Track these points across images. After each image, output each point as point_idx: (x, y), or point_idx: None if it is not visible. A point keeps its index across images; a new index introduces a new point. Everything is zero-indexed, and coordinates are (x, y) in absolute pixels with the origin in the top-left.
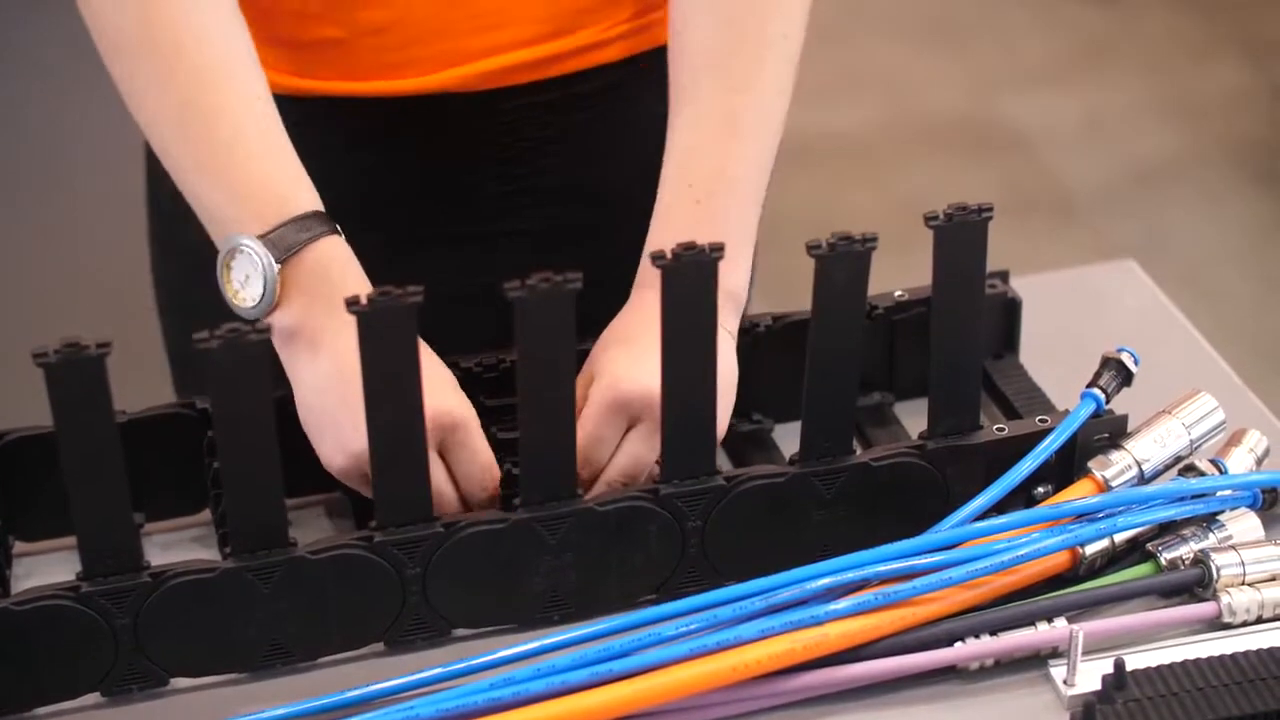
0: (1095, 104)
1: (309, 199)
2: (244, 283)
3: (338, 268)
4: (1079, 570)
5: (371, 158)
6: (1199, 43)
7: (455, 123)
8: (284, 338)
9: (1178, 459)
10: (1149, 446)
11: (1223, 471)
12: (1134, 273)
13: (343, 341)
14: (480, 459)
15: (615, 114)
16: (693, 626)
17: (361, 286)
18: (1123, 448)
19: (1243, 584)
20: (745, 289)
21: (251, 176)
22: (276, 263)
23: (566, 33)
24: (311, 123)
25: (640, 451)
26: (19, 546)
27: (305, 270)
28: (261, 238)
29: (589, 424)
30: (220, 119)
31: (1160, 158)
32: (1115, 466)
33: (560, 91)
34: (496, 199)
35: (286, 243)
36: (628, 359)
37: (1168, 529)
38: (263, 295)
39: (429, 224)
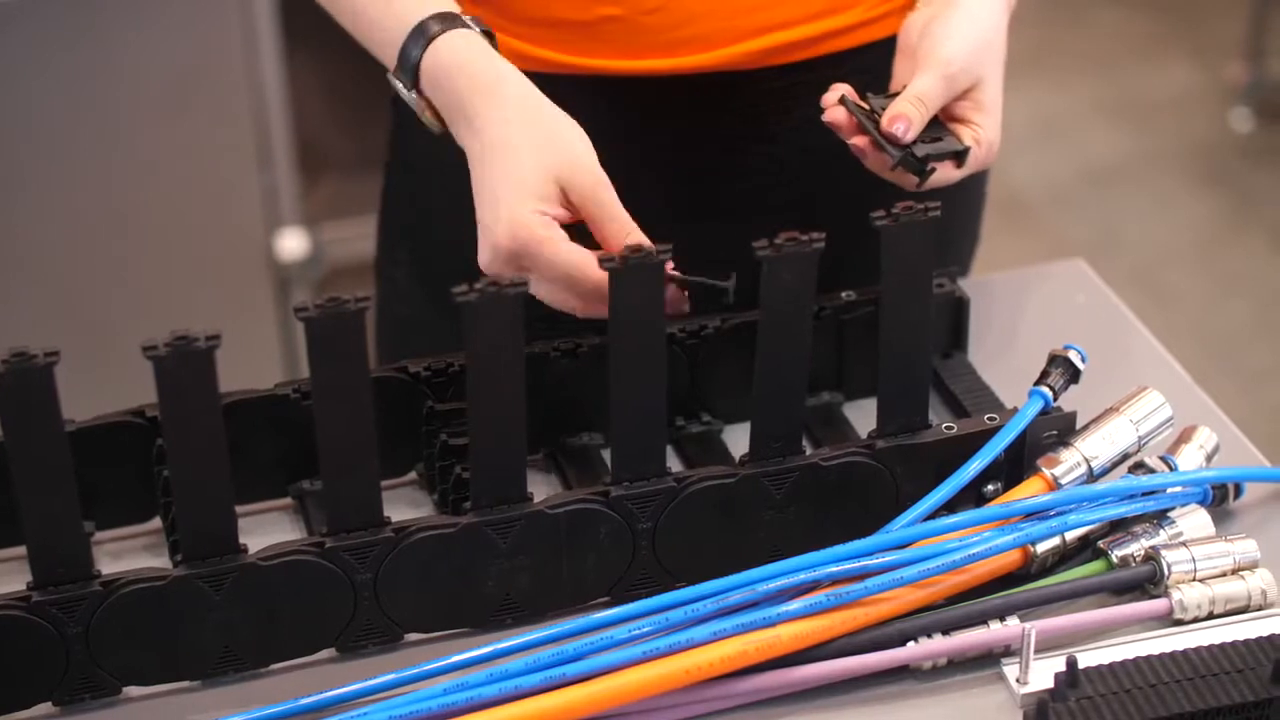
0: (1045, 104)
1: (428, 5)
2: (414, 104)
3: (459, 61)
4: (1030, 568)
5: (649, 134)
6: (1148, 43)
7: (730, 99)
8: (455, 137)
9: (1126, 456)
10: (1097, 444)
11: (1173, 468)
12: (1083, 272)
13: (479, 124)
14: (554, 272)
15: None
16: (645, 629)
17: (484, 69)
18: (1071, 445)
19: (1194, 580)
20: None
21: (375, 17)
22: (410, 89)
23: (840, 9)
24: (591, 101)
25: None
26: None
27: (433, 83)
28: (397, 68)
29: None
30: None
31: (1110, 158)
32: (1064, 464)
33: (832, 69)
34: (765, 173)
35: (410, 64)
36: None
37: (1119, 526)
38: (422, 118)
39: (703, 196)
